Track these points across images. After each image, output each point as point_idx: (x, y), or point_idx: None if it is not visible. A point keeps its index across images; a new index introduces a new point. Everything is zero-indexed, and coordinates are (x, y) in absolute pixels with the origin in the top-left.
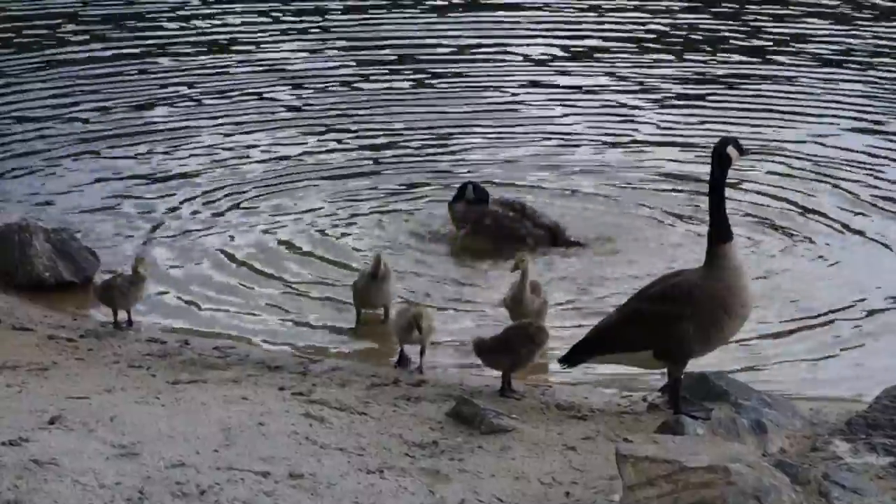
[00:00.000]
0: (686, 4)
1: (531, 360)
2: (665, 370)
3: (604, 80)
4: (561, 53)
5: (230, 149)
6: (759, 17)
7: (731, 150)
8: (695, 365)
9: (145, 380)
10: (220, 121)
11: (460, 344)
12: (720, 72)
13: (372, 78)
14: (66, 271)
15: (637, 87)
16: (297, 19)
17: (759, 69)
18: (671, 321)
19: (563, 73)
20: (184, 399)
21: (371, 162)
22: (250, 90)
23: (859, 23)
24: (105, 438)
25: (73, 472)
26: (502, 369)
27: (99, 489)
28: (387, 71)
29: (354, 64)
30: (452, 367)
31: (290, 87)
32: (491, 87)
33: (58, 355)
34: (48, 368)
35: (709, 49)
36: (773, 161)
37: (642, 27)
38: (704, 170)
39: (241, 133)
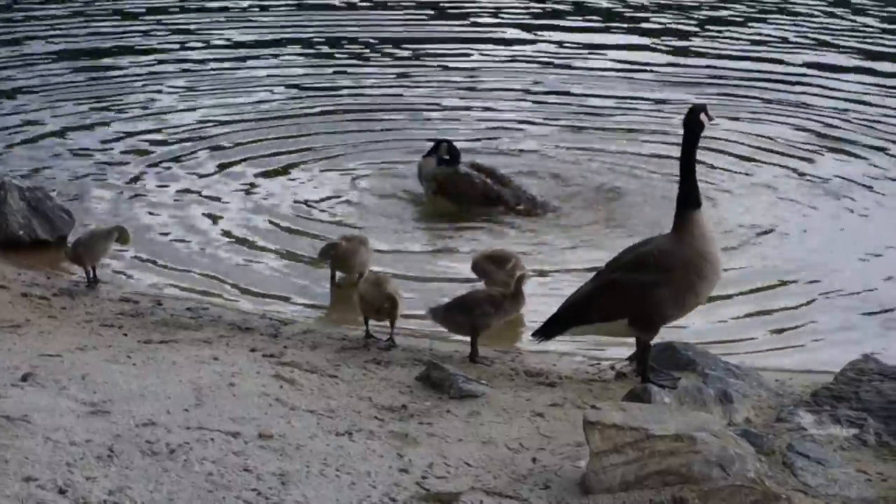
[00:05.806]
0: None
1: (489, 321)
2: (635, 338)
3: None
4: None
5: (204, 113)
6: None
7: (702, 117)
8: (663, 334)
9: (117, 339)
10: (194, 87)
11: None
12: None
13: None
14: (40, 229)
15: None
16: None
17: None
18: (647, 289)
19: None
20: (155, 359)
21: (342, 128)
22: (230, 59)
23: None
24: (77, 396)
25: (45, 428)
26: (461, 332)
27: (70, 446)
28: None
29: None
30: (422, 333)
31: (267, 57)
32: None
33: (31, 313)
34: (21, 326)
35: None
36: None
37: None
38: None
39: (215, 99)
